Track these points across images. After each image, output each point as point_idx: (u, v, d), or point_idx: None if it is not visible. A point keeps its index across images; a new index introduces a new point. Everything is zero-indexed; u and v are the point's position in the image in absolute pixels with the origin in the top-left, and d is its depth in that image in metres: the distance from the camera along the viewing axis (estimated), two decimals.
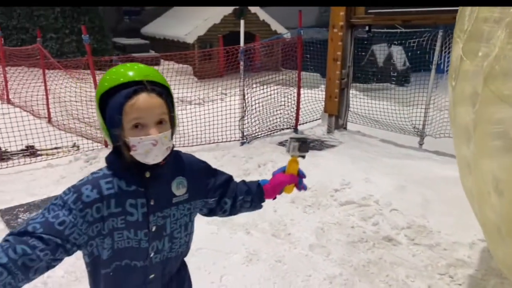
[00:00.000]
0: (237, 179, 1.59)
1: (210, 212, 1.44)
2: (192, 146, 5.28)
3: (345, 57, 5.29)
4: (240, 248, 3.14)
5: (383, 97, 6.26)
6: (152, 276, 1.30)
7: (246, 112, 5.19)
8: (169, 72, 11.33)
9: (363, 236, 3.31)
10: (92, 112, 5.72)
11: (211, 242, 3.21)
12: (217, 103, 8.35)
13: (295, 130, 5.81)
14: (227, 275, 2.82)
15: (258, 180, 1.49)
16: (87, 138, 5.73)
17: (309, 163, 4.59)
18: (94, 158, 4.84)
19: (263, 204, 1.49)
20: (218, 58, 16.32)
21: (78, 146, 5.40)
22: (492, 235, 1.75)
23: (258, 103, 5.44)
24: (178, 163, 1.30)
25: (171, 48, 17.69)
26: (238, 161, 4.80)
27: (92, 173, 1.21)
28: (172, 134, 1.19)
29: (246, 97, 5.11)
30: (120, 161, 1.18)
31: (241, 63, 4.95)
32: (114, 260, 1.24)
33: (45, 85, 6.91)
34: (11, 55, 8.53)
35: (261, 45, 5.63)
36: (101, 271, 1.24)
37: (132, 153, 1.13)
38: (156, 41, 19.43)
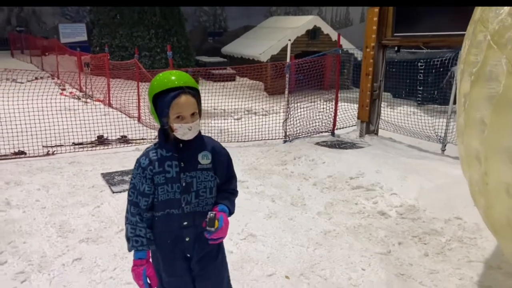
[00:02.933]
0: (275, 167, 2.58)
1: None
2: (245, 142, 6.48)
3: (376, 72, 6.15)
4: (264, 209, 4.21)
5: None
6: (185, 223, 1.79)
7: (289, 115, 6.27)
8: (243, 87, 12.77)
9: (362, 210, 4.17)
10: None
11: (244, 204, 4.31)
12: (274, 113, 9.50)
13: (332, 133, 6.75)
14: (250, 223, 3.90)
15: (223, 204, 1.85)
16: None
17: (335, 158, 5.53)
18: None
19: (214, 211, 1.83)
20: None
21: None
22: (503, 230, 1.99)
23: (301, 108, 6.50)
24: (206, 143, 1.82)
25: (247, 67, 19.40)
26: (279, 154, 5.89)
27: (146, 148, 1.83)
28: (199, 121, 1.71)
29: (289, 102, 6.21)
30: (164, 137, 1.73)
31: (287, 75, 6.07)
32: (160, 209, 1.79)
33: (138, 92, 8.64)
34: (114, 68, 10.60)
35: (303, 62, 6.67)
36: (154, 214, 1.81)
37: (174, 133, 1.69)
38: (233, 59, 21.19)
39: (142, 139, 6.86)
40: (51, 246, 3.38)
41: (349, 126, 7.32)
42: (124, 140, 6.74)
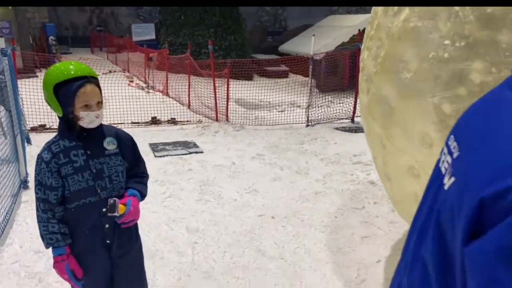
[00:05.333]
0: (293, 146, 3.37)
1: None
2: (273, 125, 7.40)
3: None
4: (272, 174, 5.06)
5: None
6: (104, 209, 1.76)
7: (311, 102, 7.04)
8: (295, 83, 13.58)
9: (355, 179, 4.87)
10: (209, 102, 8.25)
11: (256, 170, 5.20)
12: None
13: (352, 120, 7.38)
14: (257, 183, 4.78)
15: (134, 190, 1.88)
16: (206, 117, 8.33)
17: (346, 140, 6.22)
18: (208, 126, 7.34)
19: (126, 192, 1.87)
20: (343, 73, 17.88)
21: (201, 121, 8.01)
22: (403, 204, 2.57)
23: (322, 96, 7.23)
24: (109, 130, 1.86)
25: (300, 64, 20.10)
26: (299, 136, 6.70)
27: (47, 143, 1.77)
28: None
29: (311, 90, 6.97)
30: (67, 127, 1.73)
31: (310, 67, 6.85)
32: (74, 200, 1.75)
33: (189, 83, 9.86)
34: (174, 64, 11.99)
35: (326, 55, 7.37)
36: (67, 206, 1.77)
37: (80, 122, 1.70)
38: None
39: (187, 121, 8.01)
40: None
41: None
42: (172, 121, 7.94)
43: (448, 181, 0.80)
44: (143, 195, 1.91)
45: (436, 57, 1.92)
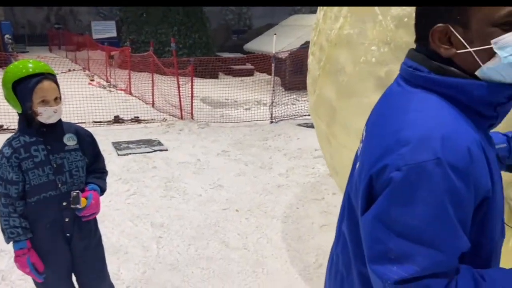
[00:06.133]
0: (257, 142, 3.49)
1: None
2: (239, 122, 7.51)
3: None
4: (236, 170, 5.17)
5: None
6: (64, 203, 1.83)
7: (274, 99, 7.22)
8: (261, 82, 13.69)
9: (316, 172, 5.07)
10: (174, 101, 8.25)
11: (221, 166, 5.29)
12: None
13: None
14: (222, 179, 4.87)
15: (94, 184, 1.96)
16: (170, 115, 8.31)
17: (308, 135, 6.43)
18: (172, 125, 7.34)
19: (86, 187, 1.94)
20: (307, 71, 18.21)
21: (165, 119, 7.99)
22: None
23: (287, 94, 7.42)
24: (69, 127, 1.92)
25: (265, 62, 20.30)
26: (263, 132, 6.86)
27: (8, 139, 1.81)
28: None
29: (274, 88, 7.15)
30: (26, 123, 1.78)
31: (273, 65, 7.01)
32: (35, 194, 1.79)
33: (152, 81, 9.78)
34: (137, 62, 11.82)
35: (290, 54, 7.56)
36: (28, 200, 1.81)
37: (38, 117, 1.74)
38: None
39: (151, 119, 7.97)
40: None
41: None
42: (136, 120, 7.88)
43: (358, 166, 0.96)
44: (102, 190, 1.99)
45: (366, 61, 2.10)
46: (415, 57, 0.89)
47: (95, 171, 2.00)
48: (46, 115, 1.75)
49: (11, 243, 1.81)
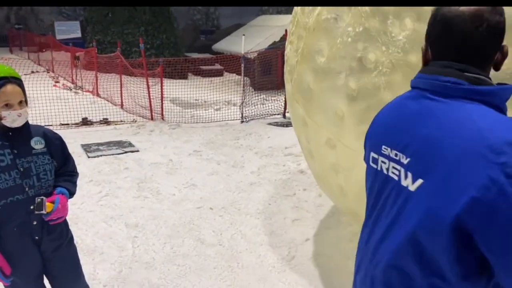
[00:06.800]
0: (229, 141, 3.58)
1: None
2: (210, 122, 7.56)
3: None
4: (209, 169, 5.24)
5: None
6: (32, 207, 1.79)
7: (245, 99, 7.34)
8: (230, 82, 13.74)
9: (287, 170, 5.21)
10: (143, 102, 8.19)
11: (194, 166, 5.35)
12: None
13: (284, 115, 7.82)
14: (195, 178, 4.93)
15: (63, 188, 1.93)
16: (140, 116, 8.27)
17: (278, 134, 6.59)
18: (143, 126, 7.31)
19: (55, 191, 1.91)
20: (276, 72, 18.37)
21: (135, 120, 7.93)
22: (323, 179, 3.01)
23: (256, 94, 7.55)
24: (37, 130, 1.91)
25: (234, 63, 20.39)
26: (234, 132, 6.96)
27: None
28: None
29: (244, 88, 7.27)
30: None
31: (242, 65, 7.13)
32: (1, 199, 1.75)
33: (121, 82, 9.66)
34: (103, 63, 11.61)
35: (259, 54, 7.70)
36: None
37: (3, 121, 1.75)
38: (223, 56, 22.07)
39: (121, 121, 7.89)
40: None
41: None
42: (105, 122, 7.78)
43: (412, 184, 0.98)
44: (71, 193, 1.97)
45: (342, 42, 2.26)
46: (449, 73, 0.98)
47: (64, 173, 1.99)
48: (10, 119, 1.75)
49: None
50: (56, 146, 1.94)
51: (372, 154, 1.16)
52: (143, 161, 5.44)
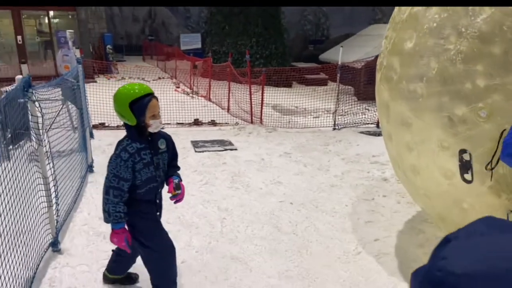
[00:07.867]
0: (319, 146, 4.23)
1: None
2: (304, 128, 8.05)
3: None
4: (295, 170, 5.70)
5: None
6: (159, 191, 2.57)
7: (338, 107, 7.62)
8: (333, 91, 14.06)
9: (370, 176, 5.41)
10: (246, 107, 9.02)
11: (282, 166, 5.87)
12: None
13: (377, 125, 7.85)
14: (281, 176, 5.44)
15: (174, 175, 2.59)
16: (242, 119, 9.14)
17: (368, 142, 6.76)
18: (243, 128, 8.13)
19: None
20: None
21: (237, 123, 8.82)
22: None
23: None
24: (162, 134, 2.52)
25: (341, 73, 20.55)
26: (325, 138, 7.31)
27: (121, 144, 2.37)
28: None
29: (339, 97, 7.56)
30: (137, 133, 2.33)
31: (338, 75, 7.44)
32: (144, 186, 2.42)
33: (229, 89, 10.71)
34: (217, 71, 12.95)
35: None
36: (138, 191, 2.42)
37: (149, 128, 2.33)
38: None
39: (226, 123, 8.84)
40: None
41: None
42: (212, 123, 8.81)
43: None
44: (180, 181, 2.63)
45: (428, 27, 2.66)
46: None
47: (174, 166, 2.62)
48: (155, 126, 2.34)
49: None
50: (171, 145, 2.59)
51: None
52: (239, 158, 6.16)
